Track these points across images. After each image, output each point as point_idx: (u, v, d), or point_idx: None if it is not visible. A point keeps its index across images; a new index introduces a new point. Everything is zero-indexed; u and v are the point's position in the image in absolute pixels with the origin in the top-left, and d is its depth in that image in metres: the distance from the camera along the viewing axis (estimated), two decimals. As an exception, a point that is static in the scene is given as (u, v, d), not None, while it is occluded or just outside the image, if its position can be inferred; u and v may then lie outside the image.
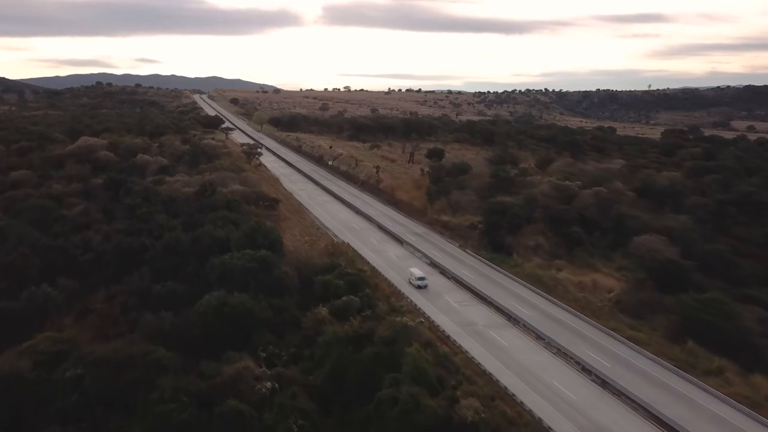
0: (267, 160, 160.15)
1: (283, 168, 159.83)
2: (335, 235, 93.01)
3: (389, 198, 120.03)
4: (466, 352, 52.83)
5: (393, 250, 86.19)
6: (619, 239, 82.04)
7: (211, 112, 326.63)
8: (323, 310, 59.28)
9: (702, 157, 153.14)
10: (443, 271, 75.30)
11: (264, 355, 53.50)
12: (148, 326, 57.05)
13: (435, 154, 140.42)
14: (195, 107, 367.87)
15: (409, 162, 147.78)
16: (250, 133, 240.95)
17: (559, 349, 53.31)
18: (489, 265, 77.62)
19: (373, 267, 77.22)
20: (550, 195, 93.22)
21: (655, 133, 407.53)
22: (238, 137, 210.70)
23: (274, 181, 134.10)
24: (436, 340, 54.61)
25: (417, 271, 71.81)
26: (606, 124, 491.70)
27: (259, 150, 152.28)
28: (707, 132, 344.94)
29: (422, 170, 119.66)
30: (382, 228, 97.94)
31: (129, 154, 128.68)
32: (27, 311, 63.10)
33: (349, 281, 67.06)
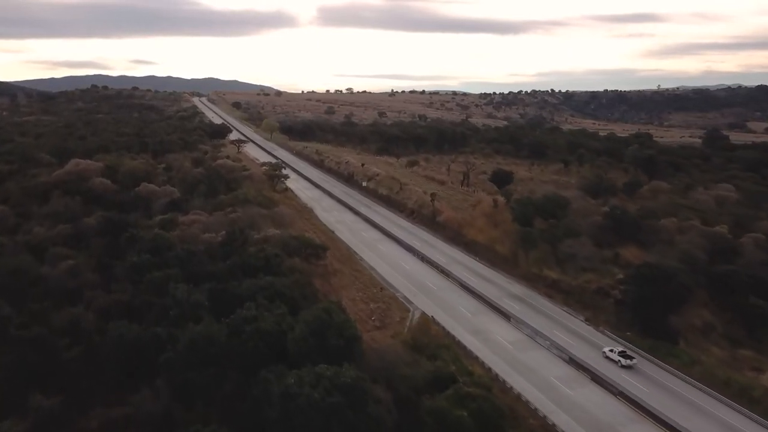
0: (288, 179, 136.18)
1: (310, 190, 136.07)
2: (408, 300, 69.81)
3: (453, 236, 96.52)
4: None
5: (499, 329, 62.25)
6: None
7: (215, 118, 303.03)
8: (462, 487, 36.03)
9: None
10: (598, 379, 51.50)
11: None
12: None
13: (502, 179, 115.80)
14: (196, 112, 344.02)
15: (463, 185, 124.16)
16: (260, 144, 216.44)
17: None
18: (653, 362, 54.10)
19: (484, 364, 54.03)
20: (698, 246, 69.50)
21: (672, 135, 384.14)
22: (251, 150, 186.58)
23: (308, 212, 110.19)
24: None
25: None
26: (618, 125, 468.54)
27: (284, 172, 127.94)
28: (725, 133, 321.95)
29: (495, 201, 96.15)
30: (466, 287, 74.33)
31: (130, 181, 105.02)
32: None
33: (477, 410, 43.87)
